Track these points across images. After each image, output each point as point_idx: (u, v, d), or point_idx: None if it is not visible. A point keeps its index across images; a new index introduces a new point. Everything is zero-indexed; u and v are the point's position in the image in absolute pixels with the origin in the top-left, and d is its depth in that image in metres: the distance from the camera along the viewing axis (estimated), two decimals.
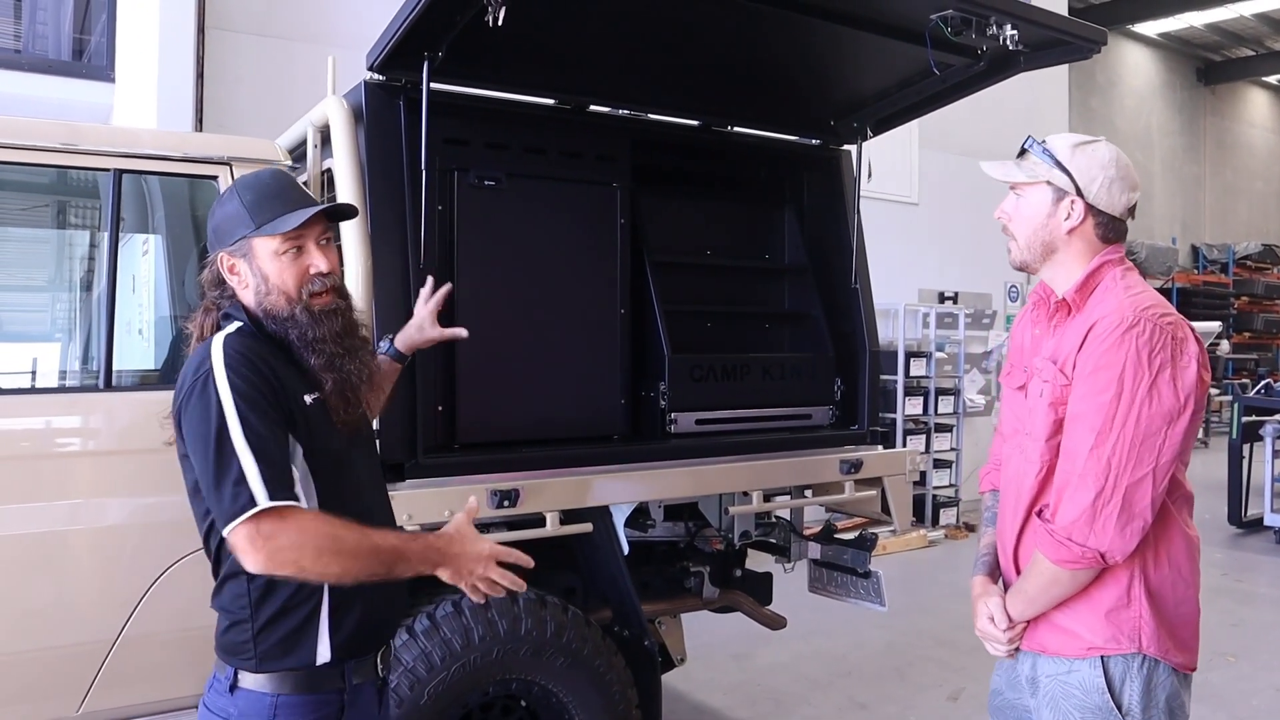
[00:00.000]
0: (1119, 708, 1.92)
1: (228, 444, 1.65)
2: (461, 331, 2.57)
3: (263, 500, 1.61)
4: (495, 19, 2.35)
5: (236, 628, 1.78)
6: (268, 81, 6.34)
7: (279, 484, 1.64)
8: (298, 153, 3.07)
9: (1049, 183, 2.00)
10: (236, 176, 2.66)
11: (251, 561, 1.63)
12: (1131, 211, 2.03)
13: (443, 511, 2.70)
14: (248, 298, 1.86)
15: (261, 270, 1.83)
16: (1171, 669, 1.96)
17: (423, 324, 2.46)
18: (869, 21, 2.93)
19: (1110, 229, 2.01)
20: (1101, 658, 1.93)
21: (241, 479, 1.63)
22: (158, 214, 3.57)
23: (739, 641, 5.31)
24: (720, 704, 4.61)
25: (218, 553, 1.78)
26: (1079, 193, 1.98)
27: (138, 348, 3.85)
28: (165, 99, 5.31)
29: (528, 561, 1.83)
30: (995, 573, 2.16)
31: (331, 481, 1.83)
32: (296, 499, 1.68)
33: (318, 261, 1.85)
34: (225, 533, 1.64)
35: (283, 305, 1.83)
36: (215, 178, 2.65)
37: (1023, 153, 2.06)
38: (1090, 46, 2.96)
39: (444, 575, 1.77)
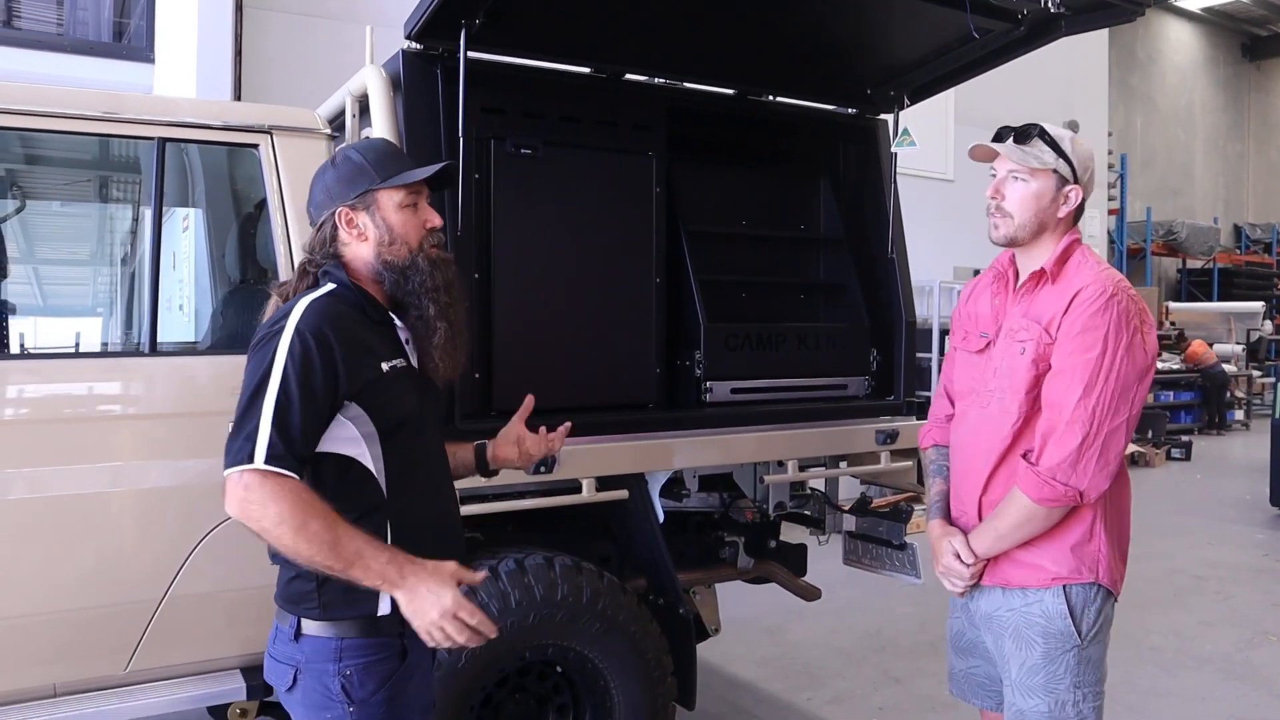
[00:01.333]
0: (1078, 632, 2.18)
1: (259, 399, 1.74)
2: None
3: (258, 461, 1.70)
4: None
5: (301, 579, 1.85)
6: (301, 58, 6.40)
7: (283, 453, 1.72)
8: (336, 123, 3.09)
9: (1055, 170, 2.21)
10: (278, 145, 2.69)
11: (227, 504, 1.73)
12: None
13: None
14: (363, 251, 1.92)
15: (386, 221, 1.92)
16: (1113, 597, 2.25)
17: (508, 437, 2.31)
18: None
19: (1080, 212, 2.29)
20: (1064, 587, 2.19)
21: (253, 434, 1.71)
22: (197, 188, 3.62)
23: (771, 615, 5.33)
24: (754, 676, 4.63)
25: None
26: (1076, 181, 2.23)
27: (177, 323, 3.91)
28: (204, 78, 5.38)
29: (491, 631, 1.80)
30: (949, 518, 2.39)
31: (402, 446, 1.90)
32: (295, 472, 1.73)
33: (433, 218, 1.97)
34: (224, 473, 1.74)
35: (404, 255, 1.92)
36: (256, 146, 2.68)
37: (1024, 138, 2.24)
38: (1134, 9, 2.91)
39: (400, 604, 1.77)
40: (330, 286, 1.89)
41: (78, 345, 3.32)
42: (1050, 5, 2.74)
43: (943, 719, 4.17)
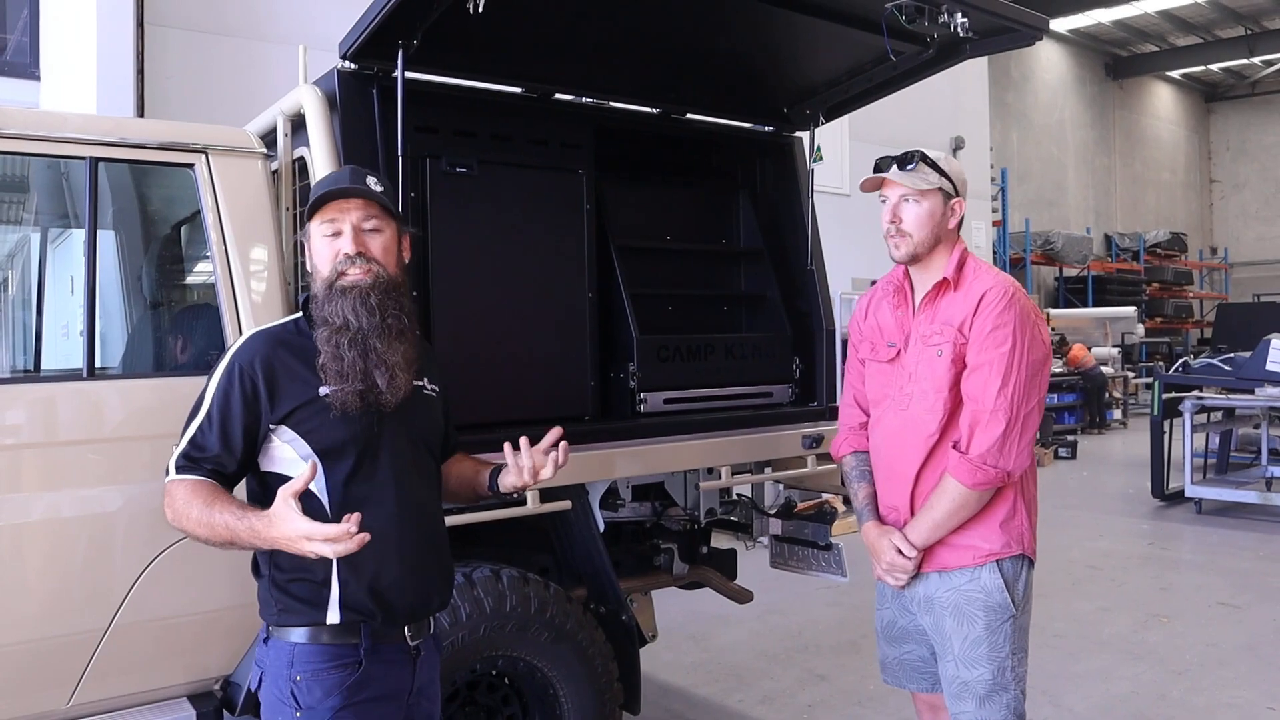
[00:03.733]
0: (1014, 603, 2.40)
1: (190, 423, 1.95)
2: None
3: (171, 474, 1.92)
4: (476, 6, 2.40)
5: (262, 589, 2.00)
6: (201, 75, 6.29)
7: (188, 462, 1.92)
8: (266, 140, 3.06)
9: (940, 189, 2.44)
10: (214, 164, 2.66)
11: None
12: None
13: None
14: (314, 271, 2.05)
15: (312, 250, 2.03)
16: (1033, 565, 2.48)
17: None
18: (823, 9, 3.04)
19: (961, 222, 2.52)
20: (997, 562, 2.40)
21: (173, 453, 1.94)
22: (106, 209, 3.52)
23: (695, 623, 5.42)
24: (684, 682, 4.71)
25: None
26: (957, 194, 2.48)
27: (76, 348, 3.78)
28: (105, 95, 5.23)
29: (351, 526, 1.69)
30: (880, 519, 2.56)
31: (351, 467, 1.97)
32: (200, 475, 1.91)
33: (345, 244, 1.97)
34: None
35: (319, 282, 1.99)
36: (191, 166, 2.65)
37: (908, 163, 2.45)
38: (1034, 33, 3.10)
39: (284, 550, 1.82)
40: (295, 315, 2.07)
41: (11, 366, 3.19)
42: (959, 30, 2.90)
43: (869, 711, 4.32)
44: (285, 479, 1.86)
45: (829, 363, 3.84)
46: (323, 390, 1.92)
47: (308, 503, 1.85)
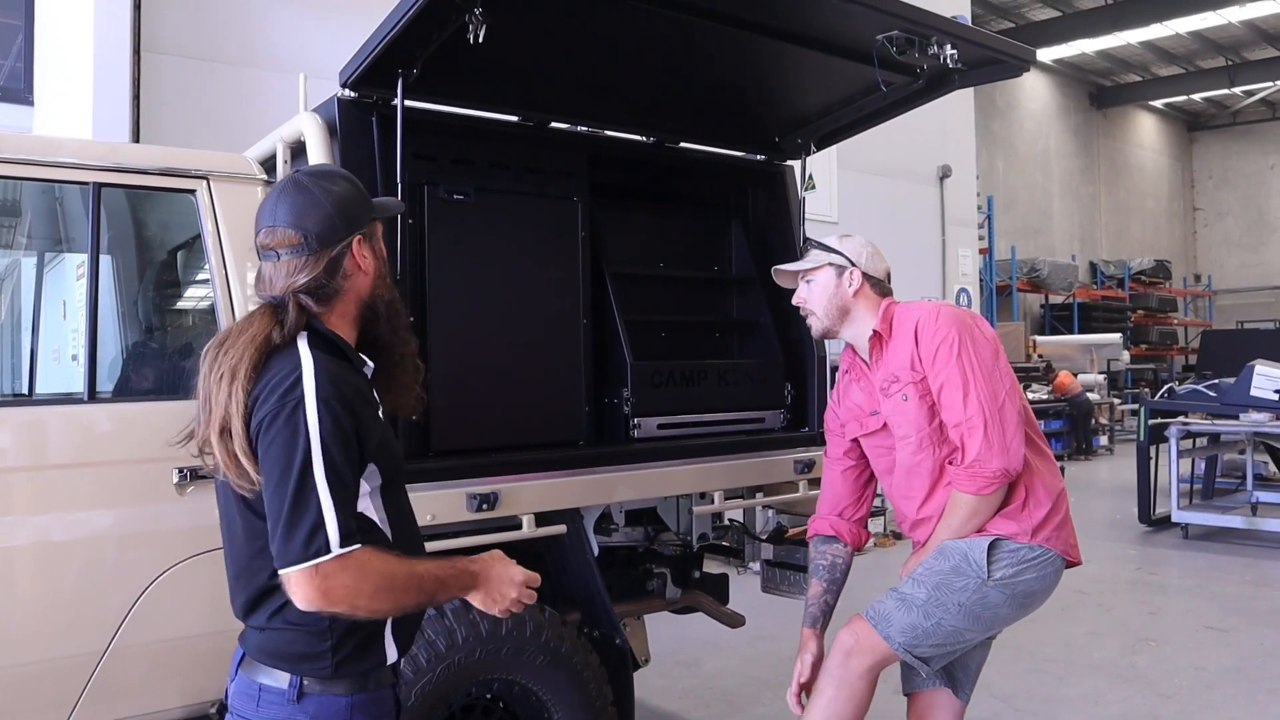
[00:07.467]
0: (988, 570, 2.48)
1: (309, 481, 1.61)
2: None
3: (335, 548, 1.60)
4: (477, 36, 2.45)
5: (310, 638, 1.73)
6: (196, 102, 6.32)
7: (350, 529, 1.63)
8: (266, 166, 3.10)
9: (830, 264, 2.69)
10: (215, 190, 2.69)
11: (303, 600, 1.61)
12: (888, 276, 2.76)
13: (425, 515, 2.75)
14: (360, 286, 1.81)
15: (382, 252, 1.86)
16: (1062, 561, 2.63)
17: None
18: (815, 41, 3.10)
19: (880, 287, 2.72)
20: (997, 539, 2.51)
21: (320, 524, 1.60)
22: (102, 235, 3.54)
23: (686, 649, 5.42)
24: (676, 707, 4.71)
25: (274, 573, 1.68)
26: (852, 264, 2.68)
27: (73, 373, 3.79)
28: (101, 121, 5.25)
29: (536, 579, 1.88)
30: (819, 624, 2.75)
31: (396, 493, 1.86)
32: (360, 541, 1.65)
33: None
34: (283, 571, 1.62)
35: (390, 290, 1.88)
36: (193, 191, 2.68)
37: (804, 254, 2.77)
38: (1021, 65, 3.18)
39: (475, 599, 1.83)
40: (311, 339, 1.74)
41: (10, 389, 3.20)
42: (949, 61, 2.96)
43: None
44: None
45: (820, 388, 3.88)
46: (380, 413, 1.81)
47: (371, 532, 1.75)
